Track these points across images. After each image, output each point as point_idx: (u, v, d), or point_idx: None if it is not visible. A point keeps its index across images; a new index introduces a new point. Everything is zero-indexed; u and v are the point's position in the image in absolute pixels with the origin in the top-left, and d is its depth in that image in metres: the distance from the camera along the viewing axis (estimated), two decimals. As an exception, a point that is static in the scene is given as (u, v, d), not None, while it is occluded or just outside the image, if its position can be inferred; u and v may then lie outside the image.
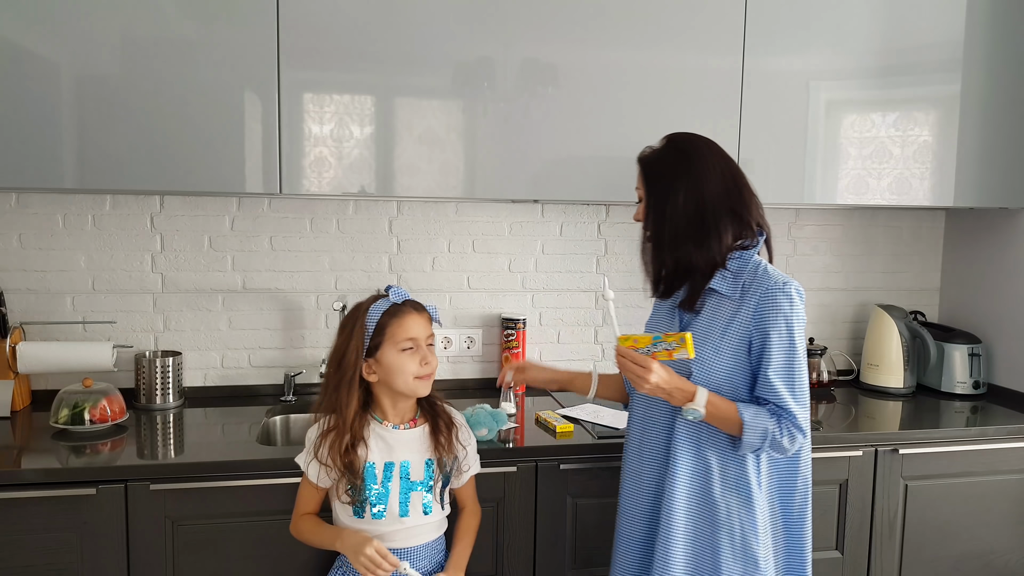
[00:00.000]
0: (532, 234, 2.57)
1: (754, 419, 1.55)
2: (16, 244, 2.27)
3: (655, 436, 1.68)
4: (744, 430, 1.54)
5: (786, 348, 1.57)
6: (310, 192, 2.05)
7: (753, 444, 1.56)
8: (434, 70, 2.07)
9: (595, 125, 2.17)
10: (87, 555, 1.76)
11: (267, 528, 1.83)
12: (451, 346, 2.54)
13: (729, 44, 2.21)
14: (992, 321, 2.66)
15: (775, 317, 1.56)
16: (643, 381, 1.54)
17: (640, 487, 1.70)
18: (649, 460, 1.69)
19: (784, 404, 1.56)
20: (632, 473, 1.72)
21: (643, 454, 1.70)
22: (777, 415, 1.56)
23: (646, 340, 1.56)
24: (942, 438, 2.21)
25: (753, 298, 1.58)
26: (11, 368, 2.14)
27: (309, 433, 1.68)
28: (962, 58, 2.36)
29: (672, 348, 1.53)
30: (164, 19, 1.93)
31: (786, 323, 1.56)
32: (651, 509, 1.68)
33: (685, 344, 1.52)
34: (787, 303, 1.57)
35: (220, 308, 2.40)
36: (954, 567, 2.26)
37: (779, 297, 1.56)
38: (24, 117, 1.89)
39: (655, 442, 1.68)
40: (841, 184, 2.34)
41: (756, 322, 1.57)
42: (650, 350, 1.55)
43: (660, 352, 1.55)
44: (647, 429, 1.70)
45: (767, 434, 1.55)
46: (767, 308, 1.57)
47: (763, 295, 1.57)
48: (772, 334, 1.56)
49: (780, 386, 1.56)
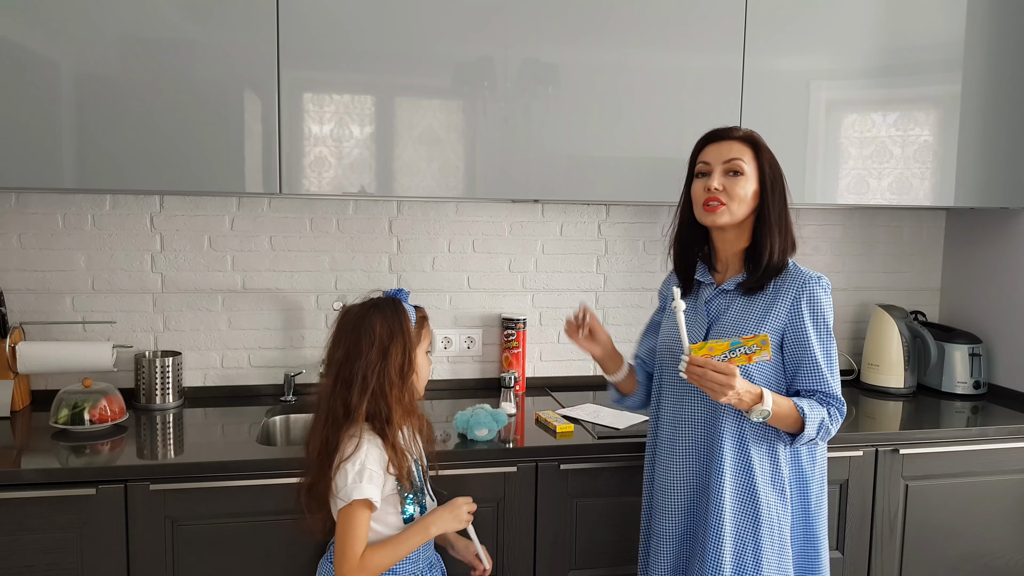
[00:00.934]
0: (532, 234, 2.57)
1: (811, 411, 1.59)
2: (16, 244, 2.27)
3: (691, 434, 1.69)
4: (806, 423, 1.57)
5: (826, 338, 1.64)
6: (310, 192, 2.05)
7: (811, 436, 1.59)
8: (434, 70, 2.07)
9: (595, 125, 2.17)
10: (87, 555, 1.76)
11: (267, 528, 1.83)
12: (451, 346, 2.54)
13: (729, 44, 2.21)
14: (992, 321, 2.65)
15: (815, 309, 1.64)
16: (727, 389, 1.51)
17: (676, 484, 1.71)
18: (684, 457, 1.70)
19: (831, 391, 1.63)
20: (665, 471, 1.73)
21: (676, 451, 1.71)
22: (825, 404, 1.62)
23: (722, 347, 1.52)
24: (942, 438, 2.21)
25: (790, 292, 1.64)
26: (11, 368, 2.14)
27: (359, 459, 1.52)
28: (962, 58, 2.36)
29: (752, 352, 1.50)
30: (164, 19, 1.93)
31: (824, 315, 1.64)
32: (689, 505, 1.70)
33: (766, 346, 1.49)
34: (825, 296, 1.65)
35: (220, 308, 2.40)
36: (954, 567, 2.26)
37: (817, 290, 1.64)
38: (24, 117, 1.88)
39: (691, 440, 1.69)
40: (841, 184, 2.34)
41: (794, 315, 1.63)
42: (727, 356, 1.51)
43: (739, 357, 1.51)
44: (680, 427, 1.70)
45: (823, 424, 1.60)
46: (808, 301, 1.63)
47: (801, 289, 1.63)
48: (814, 326, 1.63)
49: (827, 374, 1.63)
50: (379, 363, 1.55)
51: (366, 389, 1.55)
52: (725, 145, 1.65)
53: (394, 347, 1.56)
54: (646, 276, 2.64)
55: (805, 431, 1.57)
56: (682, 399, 1.71)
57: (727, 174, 1.63)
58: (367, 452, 1.53)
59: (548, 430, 2.09)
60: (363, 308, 1.61)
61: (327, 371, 1.61)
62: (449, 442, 1.97)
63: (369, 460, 1.53)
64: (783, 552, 1.64)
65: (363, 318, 1.59)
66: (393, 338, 1.57)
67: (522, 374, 2.50)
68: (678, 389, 1.72)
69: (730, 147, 1.65)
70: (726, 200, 1.62)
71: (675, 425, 1.72)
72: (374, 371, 1.55)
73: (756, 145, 1.66)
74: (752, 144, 1.66)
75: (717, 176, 1.63)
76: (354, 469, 1.51)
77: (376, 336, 1.56)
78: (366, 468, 1.52)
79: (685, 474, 1.70)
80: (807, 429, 1.57)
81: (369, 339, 1.56)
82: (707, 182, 1.64)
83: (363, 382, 1.55)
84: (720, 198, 1.62)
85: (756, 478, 1.63)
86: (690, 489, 1.70)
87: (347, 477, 1.51)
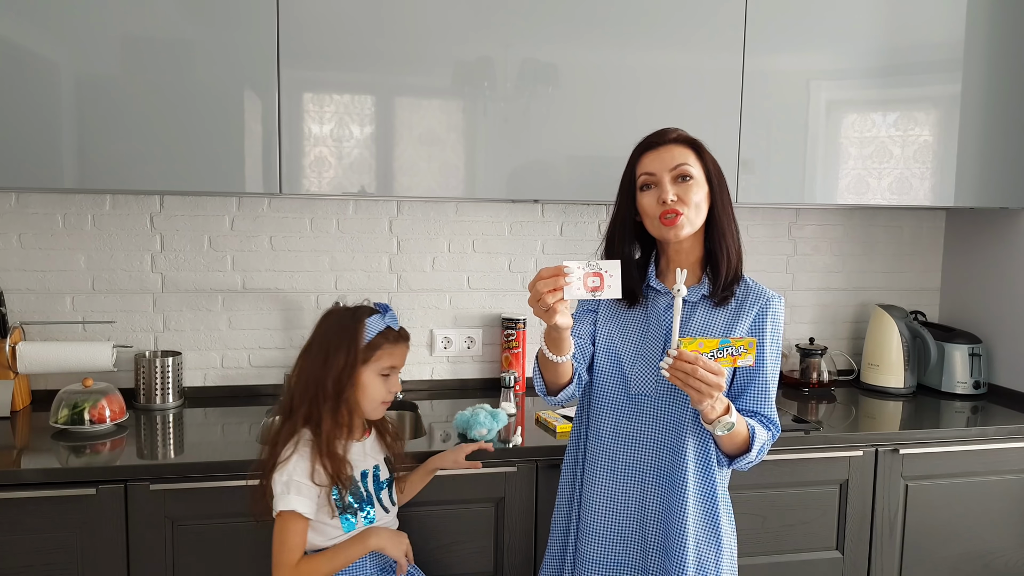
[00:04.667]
0: (532, 234, 2.57)
1: (759, 431, 1.53)
2: (16, 244, 2.27)
3: (638, 455, 1.57)
4: (753, 443, 1.51)
5: (776, 361, 1.58)
6: (310, 192, 2.05)
7: (751, 459, 1.53)
8: (434, 70, 2.07)
9: (595, 125, 2.17)
10: (87, 555, 1.76)
11: (267, 528, 1.82)
12: (451, 346, 2.54)
13: (729, 44, 2.21)
14: (992, 321, 2.65)
15: (775, 330, 1.58)
16: (715, 390, 1.39)
17: (614, 508, 1.58)
18: (626, 480, 1.58)
19: (771, 415, 1.57)
20: (601, 492, 1.59)
21: (616, 473, 1.58)
22: (766, 426, 1.57)
23: (712, 344, 1.41)
24: (942, 438, 2.21)
25: (753, 309, 1.56)
26: (11, 368, 2.14)
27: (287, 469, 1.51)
28: (962, 58, 2.36)
29: (738, 354, 1.41)
30: (164, 19, 1.93)
31: (778, 337, 1.58)
32: (628, 532, 1.58)
33: (752, 350, 1.42)
34: (782, 315, 1.60)
35: (220, 308, 2.40)
36: (954, 567, 2.26)
37: (779, 310, 1.58)
38: (24, 117, 1.89)
39: (638, 462, 1.57)
40: (841, 184, 2.34)
41: (755, 333, 1.56)
42: (715, 355, 1.41)
43: (724, 359, 1.41)
44: (619, 446, 1.58)
45: (764, 447, 1.55)
46: (771, 320, 1.57)
47: (765, 307, 1.57)
48: (771, 347, 1.57)
49: (771, 398, 1.58)
50: (319, 369, 1.54)
51: (306, 392, 1.55)
52: (666, 151, 1.53)
53: (335, 356, 1.54)
54: (646, 276, 2.64)
55: (751, 452, 1.51)
56: (629, 417, 1.58)
57: (676, 181, 1.52)
58: (295, 464, 1.52)
59: (548, 430, 2.09)
60: (332, 310, 1.62)
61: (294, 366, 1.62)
62: (449, 442, 1.97)
63: (296, 471, 1.51)
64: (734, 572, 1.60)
65: (325, 319, 1.60)
66: (337, 348, 1.54)
67: (522, 374, 2.50)
68: (624, 405, 1.59)
69: (671, 152, 1.53)
70: (683, 209, 1.50)
71: (614, 443, 1.58)
72: (314, 376, 1.54)
73: (696, 146, 1.56)
74: (693, 146, 1.56)
75: (668, 186, 1.51)
76: (282, 479, 1.51)
77: (325, 339, 1.56)
78: (292, 480, 1.51)
79: (626, 497, 1.58)
80: (755, 446, 1.50)
81: (318, 340, 1.57)
82: (659, 194, 1.51)
83: (305, 384, 1.55)
84: (677, 208, 1.50)
85: (718, 504, 1.56)
86: (632, 515, 1.58)
87: (276, 487, 1.51)
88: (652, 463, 1.57)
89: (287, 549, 1.51)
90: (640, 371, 1.57)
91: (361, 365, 1.56)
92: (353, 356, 1.55)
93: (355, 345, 1.55)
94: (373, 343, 1.57)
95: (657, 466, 1.57)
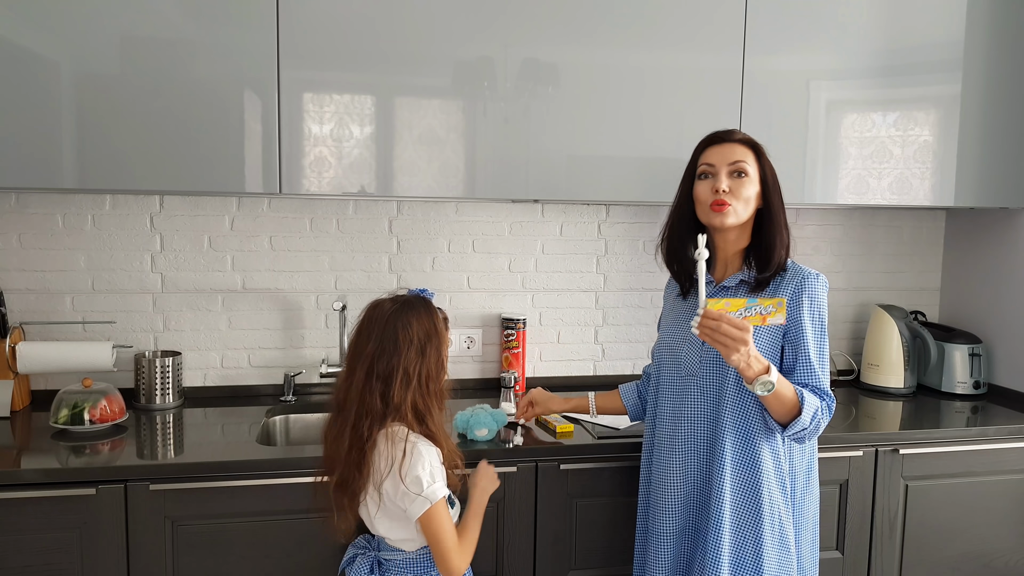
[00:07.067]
0: (532, 234, 2.57)
1: (809, 398, 1.59)
2: (16, 244, 2.27)
3: (691, 430, 1.70)
4: (803, 408, 1.57)
5: (820, 336, 1.66)
6: (310, 192, 2.05)
7: (805, 424, 1.58)
8: (434, 70, 2.07)
9: (595, 125, 2.17)
10: (87, 555, 1.76)
11: (267, 528, 1.83)
12: (451, 346, 2.54)
13: (729, 44, 2.21)
14: (992, 321, 2.65)
15: (814, 306, 1.66)
16: (740, 344, 1.49)
17: (674, 482, 1.72)
18: (683, 454, 1.71)
19: (823, 387, 1.64)
20: (664, 468, 1.73)
21: (676, 448, 1.72)
22: (819, 397, 1.63)
23: (739, 303, 1.52)
24: (942, 438, 2.21)
25: (789, 288, 1.66)
26: (11, 368, 2.14)
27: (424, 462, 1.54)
28: (962, 58, 2.36)
29: (767, 312, 1.51)
30: (164, 19, 1.93)
31: (820, 313, 1.67)
32: (688, 503, 1.71)
33: (781, 308, 1.51)
34: (822, 292, 1.68)
35: (220, 308, 2.40)
36: (954, 567, 2.26)
37: (817, 287, 1.67)
38: (24, 117, 1.88)
39: (691, 436, 1.70)
40: (841, 184, 2.34)
41: (793, 310, 1.65)
42: (742, 314, 1.51)
43: (754, 316, 1.52)
44: (679, 423, 1.72)
45: (817, 414, 1.60)
46: (808, 297, 1.65)
47: (801, 285, 1.66)
48: (811, 322, 1.65)
49: (819, 370, 1.64)
50: (418, 361, 1.57)
51: (408, 384, 1.56)
52: (728, 147, 1.69)
53: (430, 346, 1.59)
54: (646, 276, 2.64)
55: (801, 417, 1.57)
56: (683, 395, 1.72)
57: (732, 175, 1.67)
58: (425, 454, 1.55)
59: (548, 430, 2.09)
60: (396, 304, 1.61)
61: (354, 363, 1.59)
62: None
63: (434, 459, 1.57)
64: (784, 547, 1.65)
65: (399, 314, 1.59)
66: (429, 337, 1.60)
67: (522, 374, 2.50)
68: (679, 386, 1.73)
69: (732, 149, 1.68)
70: (732, 201, 1.65)
71: (674, 422, 1.73)
72: (415, 368, 1.57)
73: (756, 148, 1.71)
74: (753, 147, 1.70)
75: (723, 177, 1.66)
76: (426, 472, 1.54)
77: (414, 334, 1.58)
78: (436, 467, 1.57)
79: (684, 470, 1.71)
80: (803, 415, 1.57)
81: (407, 336, 1.57)
82: (713, 183, 1.67)
83: (405, 377, 1.56)
84: (727, 199, 1.65)
85: (760, 472, 1.63)
86: (689, 486, 1.71)
87: (422, 482, 1.53)
88: (698, 437, 1.70)
89: (450, 534, 1.57)
90: (687, 351, 1.72)
91: (446, 349, 1.65)
92: (442, 342, 1.62)
93: (441, 332, 1.63)
94: (442, 330, 1.64)
95: (703, 439, 1.70)
